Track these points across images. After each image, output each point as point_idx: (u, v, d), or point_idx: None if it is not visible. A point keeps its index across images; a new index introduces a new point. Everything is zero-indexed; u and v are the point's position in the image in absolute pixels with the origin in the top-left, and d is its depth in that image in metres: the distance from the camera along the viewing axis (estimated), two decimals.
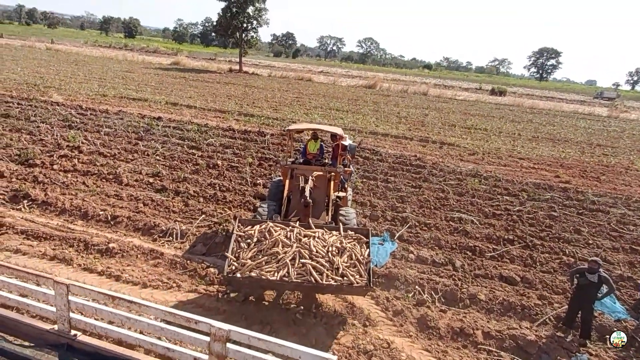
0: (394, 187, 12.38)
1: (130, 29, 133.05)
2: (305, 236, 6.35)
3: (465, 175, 14.14)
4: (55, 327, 3.01)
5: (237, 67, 52.02)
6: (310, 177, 7.66)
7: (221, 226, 8.85)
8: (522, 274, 8.09)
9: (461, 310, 6.93)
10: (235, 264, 5.98)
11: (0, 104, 18.15)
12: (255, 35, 52.82)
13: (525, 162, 17.40)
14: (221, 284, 6.82)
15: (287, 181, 7.95)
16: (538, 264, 8.65)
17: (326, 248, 6.14)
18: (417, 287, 7.32)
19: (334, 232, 6.57)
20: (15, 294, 3.06)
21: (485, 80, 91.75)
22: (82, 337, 2.99)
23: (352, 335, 6.05)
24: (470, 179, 13.81)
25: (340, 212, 7.84)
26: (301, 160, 9.08)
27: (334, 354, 5.57)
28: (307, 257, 5.99)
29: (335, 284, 5.77)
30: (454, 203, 11.53)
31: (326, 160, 9.33)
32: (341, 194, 8.49)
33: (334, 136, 9.17)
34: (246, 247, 6.23)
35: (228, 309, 6.29)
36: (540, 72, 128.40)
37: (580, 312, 6.45)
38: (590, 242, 9.86)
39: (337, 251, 6.16)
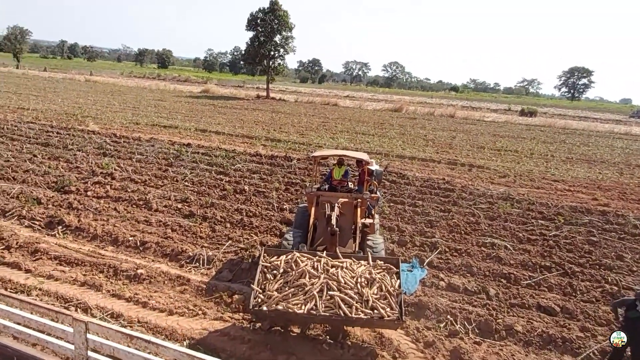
0: (422, 212, 12.11)
1: (163, 59, 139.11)
2: (332, 266, 6.16)
3: (497, 199, 13.71)
4: None
5: (265, 94, 53.16)
6: (336, 205, 7.48)
7: (247, 252, 8.82)
8: (562, 304, 7.63)
9: (497, 342, 6.55)
10: (261, 296, 5.85)
11: (42, 133, 19.06)
12: (282, 63, 53.99)
13: (559, 185, 16.77)
14: (247, 314, 6.67)
15: (313, 209, 7.79)
16: (578, 292, 8.15)
17: (355, 279, 5.92)
18: (449, 316, 6.99)
19: (363, 262, 6.37)
20: (35, 331, 3.06)
21: (514, 101, 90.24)
22: None
23: None
24: (502, 202, 13.37)
25: (368, 240, 7.62)
26: (326, 187, 8.91)
27: None
28: (335, 288, 5.78)
29: (365, 317, 5.53)
30: (486, 228, 11.14)
31: (352, 186, 9.13)
32: (368, 220, 8.24)
33: (359, 162, 9.01)
34: (272, 278, 6.09)
35: (253, 337, 6.16)
36: (572, 91, 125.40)
37: (630, 349, 5.91)
38: (635, 269, 9.26)
39: (366, 282, 5.92)
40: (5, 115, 23.27)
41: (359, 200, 7.95)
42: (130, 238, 9.10)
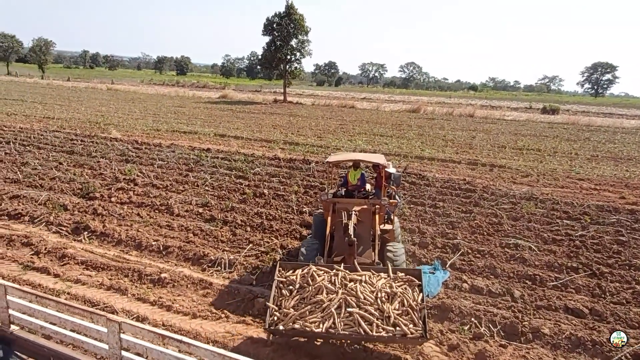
0: (443, 213, 11.96)
1: (182, 66, 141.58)
2: (351, 280, 5.91)
3: (520, 199, 13.44)
4: None
5: (282, 98, 53.50)
6: (353, 212, 7.21)
7: (268, 255, 8.86)
8: (591, 306, 7.42)
9: (523, 345, 6.41)
10: (277, 314, 5.66)
11: (66, 142, 19.60)
12: (298, 66, 54.25)
13: (585, 183, 16.34)
14: (265, 333, 6.43)
15: (329, 217, 7.50)
16: (608, 294, 7.92)
17: (374, 294, 5.65)
18: (473, 319, 6.88)
19: (382, 275, 6.10)
20: (70, 331, 3.15)
21: (535, 98, 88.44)
22: None
23: None
24: (525, 202, 13.10)
25: (388, 248, 7.33)
26: (342, 192, 8.60)
27: None
28: (354, 305, 5.51)
29: (386, 335, 5.29)
30: (509, 228, 10.93)
31: (369, 190, 8.84)
32: (387, 227, 8.00)
33: (376, 165, 8.69)
34: (288, 294, 5.89)
35: (275, 340, 6.18)
36: (596, 87, 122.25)
37: None
38: None
39: (386, 297, 5.64)
40: (32, 125, 24.03)
41: (377, 206, 7.65)
42: (153, 243, 9.26)
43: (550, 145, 25.48)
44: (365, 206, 7.63)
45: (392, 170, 8.65)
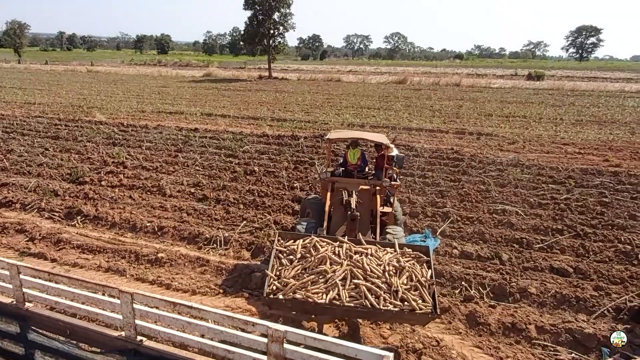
0: (433, 182, 12.18)
1: (163, 45, 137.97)
2: (356, 253, 5.62)
3: (507, 166, 13.70)
4: (123, 333, 3.21)
5: (267, 74, 52.78)
6: (354, 191, 6.93)
7: (262, 231, 9.01)
8: (575, 265, 7.75)
9: (511, 304, 6.72)
10: (276, 283, 5.35)
11: (50, 127, 19.27)
12: (282, 41, 53.39)
13: (570, 148, 16.66)
14: (262, 304, 6.33)
15: (328, 195, 7.18)
16: (591, 253, 8.26)
17: (382, 267, 5.36)
18: (463, 283, 7.16)
19: (389, 249, 5.79)
20: (84, 305, 3.30)
21: (520, 65, 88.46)
22: (147, 343, 3.17)
23: (400, 334, 6.00)
24: (512, 169, 13.37)
25: (387, 230, 7.06)
26: (341, 172, 8.21)
27: None
28: (361, 277, 5.22)
29: (394, 309, 4.97)
30: (497, 195, 11.20)
31: (368, 170, 8.48)
32: (386, 209, 7.74)
33: (379, 146, 8.29)
34: (288, 264, 5.59)
35: (274, 312, 6.38)
36: (580, 51, 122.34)
37: None
38: None
39: (394, 271, 5.34)
40: (14, 111, 23.51)
41: (377, 187, 7.37)
42: (147, 224, 9.33)
43: (536, 112, 25.73)
44: (365, 186, 7.30)
45: (394, 151, 8.32)
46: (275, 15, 50.13)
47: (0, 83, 39.56)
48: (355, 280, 5.18)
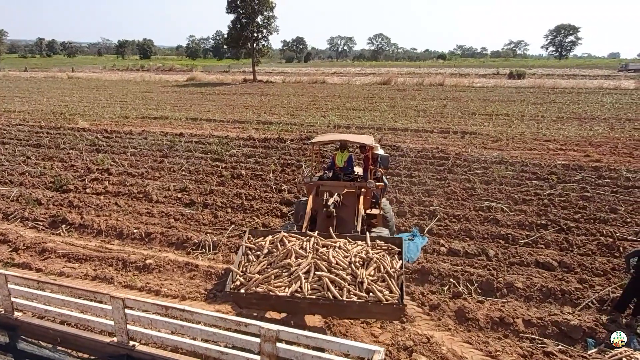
0: (419, 181, 12.30)
1: (145, 50, 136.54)
2: (323, 246, 5.51)
3: (491, 163, 13.91)
4: (115, 339, 3.19)
5: (251, 77, 52.66)
6: (337, 193, 6.88)
7: None
8: (559, 259, 7.91)
9: (499, 299, 6.83)
10: (241, 278, 5.26)
11: (32, 135, 18.93)
12: (266, 44, 53.37)
13: (551, 144, 16.99)
14: (224, 301, 6.30)
15: (311, 198, 7.14)
16: (575, 247, 8.44)
17: (348, 259, 5.24)
18: (451, 279, 7.26)
19: (360, 242, 5.69)
20: (75, 311, 3.27)
21: (502, 64, 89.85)
22: (140, 347, 3.16)
23: (391, 332, 6.05)
24: (496, 166, 13.58)
25: (373, 231, 6.97)
26: (330, 175, 8.10)
27: None
28: (325, 269, 5.08)
29: (358, 301, 4.81)
30: (482, 192, 11.37)
31: (357, 173, 8.31)
32: (374, 211, 7.66)
33: (363, 146, 8.18)
34: (255, 259, 5.52)
35: (263, 315, 6.38)
36: (559, 50, 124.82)
37: (637, 298, 6.16)
38: (629, 220, 9.55)
39: (361, 262, 5.23)
40: None
41: (362, 189, 7.22)
42: (134, 230, 9.24)
43: (518, 110, 26.17)
44: (350, 189, 7.20)
45: (379, 151, 8.24)
46: (259, 19, 50.12)
47: None
48: (318, 272, 5.04)
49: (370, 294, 4.87)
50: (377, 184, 7.67)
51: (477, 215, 9.97)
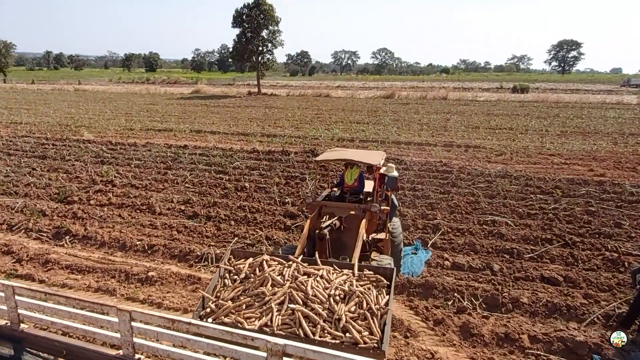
0: (422, 195, 12.28)
1: (151, 63, 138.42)
2: (305, 274, 4.98)
3: (495, 177, 13.89)
4: (120, 352, 3.17)
5: (256, 90, 53.12)
6: (339, 216, 6.57)
7: (254, 247, 8.98)
8: (565, 274, 7.84)
9: (504, 315, 6.75)
10: (212, 305, 4.78)
11: (38, 147, 19.09)
12: (271, 57, 53.91)
13: (556, 159, 16.96)
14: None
15: (310, 219, 6.64)
16: (580, 262, 8.37)
17: (328, 290, 4.70)
18: (456, 294, 7.19)
19: (346, 271, 5.11)
20: (81, 323, 3.27)
21: (505, 78, 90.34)
22: None
23: (395, 347, 5.98)
24: (500, 180, 13.55)
25: (373, 258, 6.45)
26: (337, 194, 7.53)
27: None
28: (300, 301, 4.57)
29: (331, 341, 4.22)
30: (486, 206, 11.33)
31: (365, 193, 7.70)
32: (380, 235, 7.10)
33: (370, 167, 7.56)
34: (231, 283, 5.06)
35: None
36: (562, 65, 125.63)
37: None
38: (633, 235, 9.47)
39: (342, 296, 4.69)
40: None
41: (366, 212, 6.68)
42: (137, 242, 9.24)
43: (522, 124, 26.21)
44: (353, 212, 6.72)
45: (394, 173, 7.63)
46: (264, 33, 50.75)
47: None
48: (292, 305, 4.53)
49: (347, 334, 4.31)
50: (383, 207, 6.99)
51: (481, 229, 9.92)
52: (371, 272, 5.11)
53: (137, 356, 3.15)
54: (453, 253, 8.84)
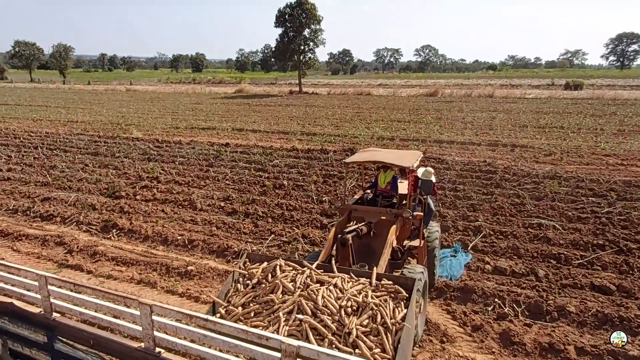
0: (464, 196, 11.88)
1: (197, 63, 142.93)
2: (318, 282, 4.72)
3: (543, 178, 13.22)
4: (142, 345, 3.26)
5: (297, 89, 53.56)
6: (368, 221, 6.24)
7: (290, 245, 9.02)
8: (618, 282, 7.31)
9: (548, 323, 6.39)
10: (222, 311, 4.66)
11: (91, 144, 20.18)
12: (312, 56, 54.18)
13: (611, 159, 15.91)
14: None
15: (338, 223, 6.36)
16: (636, 270, 7.77)
17: (341, 301, 4.42)
18: (496, 299, 6.88)
19: (363, 280, 4.80)
20: (106, 315, 3.41)
21: (557, 75, 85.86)
22: (165, 355, 3.21)
23: (430, 352, 5.81)
24: (549, 181, 12.87)
25: (406, 267, 5.90)
26: (370, 197, 7.21)
27: None
28: (310, 311, 4.31)
29: (341, 357, 4.16)
30: (532, 208, 10.79)
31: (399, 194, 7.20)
32: (414, 242, 6.65)
33: (403, 170, 6.89)
34: (243, 288, 4.93)
35: None
36: (621, 59, 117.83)
37: None
38: None
39: (355, 308, 4.39)
40: (57, 129, 24.79)
41: (399, 217, 6.30)
42: (178, 237, 9.53)
43: (574, 122, 24.82)
44: (384, 217, 6.35)
45: (432, 177, 7.17)
46: (306, 32, 51.07)
47: (46, 103, 41.93)
48: (300, 316, 4.27)
49: (357, 350, 4.00)
50: (416, 213, 6.53)
51: (526, 232, 9.46)
52: (390, 283, 4.75)
53: (157, 350, 3.22)
54: (495, 257, 8.48)
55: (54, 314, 3.62)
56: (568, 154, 16.89)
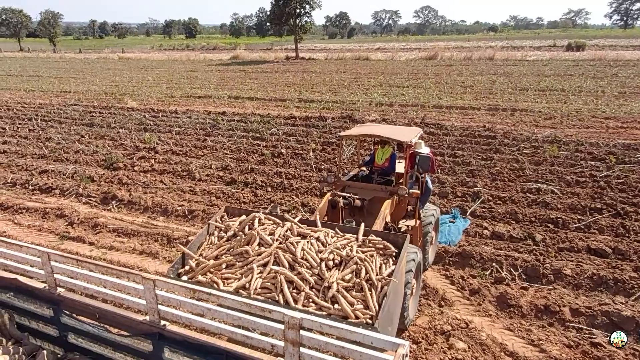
0: (463, 162, 11.87)
1: (190, 29, 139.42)
2: (298, 235, 4.49)
3: (542, 142, 13.16)
4: (147, 318, 3.32)
5: (294, 54, 52.46)
6: (360, 197, 5.91)
7: (290, 213, 9.05)
8: (614, 245, 7.41)
9: (545, 286, 6.52)
10: (192, 263, 4.44)
11: (85, 115, 19.92)
12: (308, 20, 52.80)
13: (611, 122, 15.80)
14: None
15: (327, 196, 6.00)
16: (632, 233, 7.87)
17: (322, 254, 4.15)
18: (494, 264, 7.00)
19: (348, 236, 4.55)
20: (110, 290, 3.48)
21: (559, 35, 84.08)
22: (170, 327, 3.28)
23: (428, 316, 5.95)
24: (548, 145, 12.82)
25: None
26: (365, 174, 6.92)
27: (410, 335, 5.53)
28: (287, 264, 4.10)
29: (316, 312, 3.69)
30: (531, 173, 10.80)
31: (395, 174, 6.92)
32: (409, 222, 6.27)
33: (400, 145, 6.56)
34: (216, 241, 4.73)
35: None
36: (625, 18, 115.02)
37: None
38: None
39: (338, 261, 4.14)
40: (51, 100, 24.41)
41: (392, 195, 6.00)
42: (178, 208, 9.56)
43: (575, 84, 24.49)
44: (381, 194, 6.04)
45: (423, 149, 6.79)
46: None
47: (37, 73, 41.11)
48: (275, 267, 4.05)
49: (335, 305, 3.76)
50: (413, 191, 6.24)
51: (524, 197, 9.51)
52: (378, 239, 4.48)
53: (162, 322, 3.28)
54: (493, 222, 8.56)
55: (59, 289, 3.67)
56: (568, 117, 16.75)
